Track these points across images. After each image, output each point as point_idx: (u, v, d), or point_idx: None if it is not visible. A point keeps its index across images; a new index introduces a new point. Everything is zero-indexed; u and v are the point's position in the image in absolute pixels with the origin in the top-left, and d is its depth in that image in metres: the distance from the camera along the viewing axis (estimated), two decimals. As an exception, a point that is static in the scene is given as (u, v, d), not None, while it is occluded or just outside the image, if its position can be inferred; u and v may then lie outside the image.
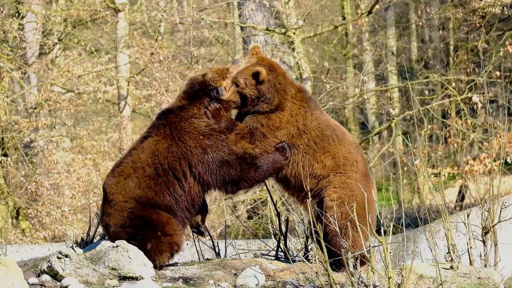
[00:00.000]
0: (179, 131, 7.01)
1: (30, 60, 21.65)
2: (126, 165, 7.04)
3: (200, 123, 7.04)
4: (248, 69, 7.10)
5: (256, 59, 7.18)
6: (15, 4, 21.32)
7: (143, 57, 20.01)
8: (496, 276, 7.10)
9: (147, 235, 6.87)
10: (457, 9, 21.76)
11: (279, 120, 7.13)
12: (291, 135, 7.14)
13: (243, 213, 20.00)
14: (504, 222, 7.93)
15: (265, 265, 7.18)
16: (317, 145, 7.16)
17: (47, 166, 20.07)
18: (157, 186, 6.94)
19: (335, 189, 7.07)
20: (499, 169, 8.39)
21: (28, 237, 18.76)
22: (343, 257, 6.49)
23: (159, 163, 6.95)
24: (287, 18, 19.03)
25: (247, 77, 7.08)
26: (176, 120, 7.05)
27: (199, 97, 7.13)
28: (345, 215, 6.91)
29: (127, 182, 6.97)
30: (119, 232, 6.95)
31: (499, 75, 19.73)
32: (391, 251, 6.33)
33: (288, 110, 7.16)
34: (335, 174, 7.13)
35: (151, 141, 7.04)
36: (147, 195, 6.93)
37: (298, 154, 7.12)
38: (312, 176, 7.15)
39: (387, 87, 23.12)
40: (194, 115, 7.07)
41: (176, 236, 6.96)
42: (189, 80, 7.31)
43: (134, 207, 6.92)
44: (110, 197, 7.01)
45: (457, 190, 22.90)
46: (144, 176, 6.95)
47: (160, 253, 6.90)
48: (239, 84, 7.08)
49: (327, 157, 7.15)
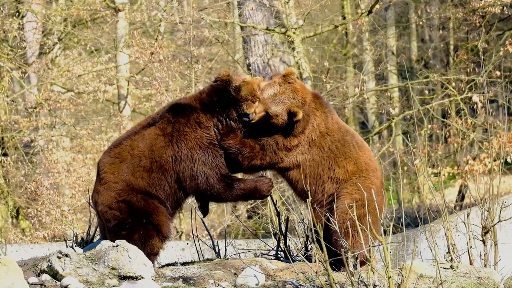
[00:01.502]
0: (180, 134, 6.99)
1: (30, 60, 21.64)
2: (124, 148, 7.04)
3: (203, 134, 7.01)
4: (286, 103, 7.05)
5: (291, 91, 7.09)
6: (15, 3, 21.31)
7: (143, 56, 20.01)
8: (496, 275, 7.09)
9: (134, 224, 6.90)
10: (457, 9, 21.75)
11: (297, 141, 7.16)
12: (312, 139, 7.15)
13: (243, 212, 20.01)
14: (504, 222, 7.93)
15: (265, 264, 7.17)
16: (339, 150, 7.19)
17: (47, 165, 20.07)
18: (150, 179, 6.97)
19: (358, 190, 7.08)
20: (499, 169, 8.39)
21: (28, 237, 18.77)
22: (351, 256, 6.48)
23: (155, 159, 6.97)
24: (287, 17, 19.03)
25: (282, 112, 7.05)
26: (182, 121, 7.02)
27: (214, 110, 7.04)
28: (363, 216, 6.91)
29: (121, 166, 7.00)
30: (106, 212, 6.99)
31: (499, 75, 19.73)
32: (391, 250, 6.33)
33: (309, 128, 7.17)
34: (358, 177, 7.16)
35: (152, 132, 7.03)
36: (139, 184, 6.97)
37: (323, 155, 7.13)
38: (333, 180, 7.16)
39: (387, 87, 23.13)
40: (201, 124, 7.02)
41: (161, 226, 6.99)
42: (214, 85, 7.14)
43: (122, 189, 6.95)
44: (102, 175, 7.05)
45: (457, 189, 22.90)
46: (139, 165, 6.97)
47: (147, 242, 6.94)
48: (271, 113, 7.05)
49: (349, 162, 7.19)
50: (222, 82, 7.08)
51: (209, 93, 7.11)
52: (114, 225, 6.94)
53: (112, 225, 6.96)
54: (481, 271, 7.03)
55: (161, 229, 6.98)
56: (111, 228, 6.99)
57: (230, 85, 7.03)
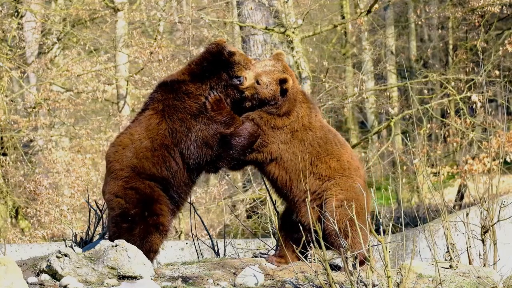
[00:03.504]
0: (170, 108, 7.05)
1: (29, 60, 21.64)
2: (125, 136, 7.14)
3: (192, 104, 7.06)
4: (276, 73, 7.18)
5: (281, 66, 7.26)
6: (14, 3, 21.30)
7: (142, 56, 20.03)
8: (495, 275, 7.10)
9: (136, 217, 6.92)
10: (456, 8, 21.77)
11: (282, 123, 7.18)
12: (294, 130, 7.18)
13: (242, 212, 20.01)
14: (503, 221, 7.94)
15: (264, 264, 7.18)
16: (321, 147, 7.20)
17: (46, 165, 20.07)
18: (154, 158, 7.02)
19: (342, 190, 7.08)
20: (498, 168, 8.40)
21: (27, 236, 18.76)
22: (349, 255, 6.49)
23: (154, 138, 7.03)
24: (286, 17, 19.03)
25: (272, 80, 7.14)
26: (171, 96, 7.08)
27: (204, 76, 7.10)
28: (349, 217, 6.91)
29: (124, 152, 7.05)
30: (112, 200, 7.03)
31: (498, 74, 19.74)
32: (390, 250, 6.33)
33: (294, 114, 7.21)
34: (341, 176, 7.15)
35: (147, 114, 7.13)
36: (144, 166, 7.00)
37: (304, 150, 7.14)
38: (316, 176, 7.17)
39: (386, 86, 23.13)
40: (190, 93, 7.08)
41: (163, 216, 7.01)
42: (207, 51, 7.19)
43: (129, 176, 6.99)
44: (108, 165, 7.13)
45: (456, 189, 22.89)
46: (141, 147, 7.03)
47: (146, 238, 6.95)
48: (260, 82, 7.13)
49: (331, 159, 7.19)
50: (216, 45, 7.15)
51: (199, 61, 7.18)
52: (117, 215, 6.96)
53: (115, 214, 6.98)
54: (480, 270, 7.03)
55: (161, 222, 6.99)
56: (114, 217, 7.00)
57: (225, 48, 7.10)
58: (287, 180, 7.22)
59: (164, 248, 7.28)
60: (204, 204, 18.73)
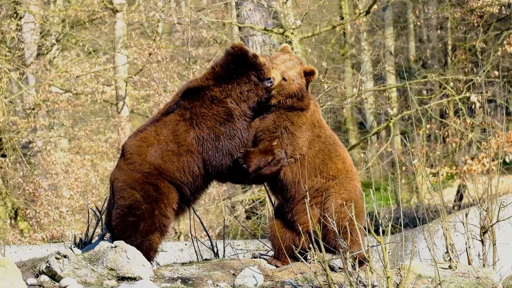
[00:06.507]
0: (198, 117, 7.09)
1: (28, 61, 21.62)
2: (150, 134, 7.14)
3: (220, 109, 7.10)
4: (297, 66, 7.24)
5: (296, 58, 7.32)
6: (13, 4, 21.30)
7: (141, 57, 20.01)
8: (495, 275, 7.10)
9: (145, 212, 6.93)
10: (455, 9, 21.75)
11: (306, 118, 7.21)
12: (312, 125, 7.24)
13: (242, 213, 19.99)
14: (503, 222, 7.94)
15: (263, 265, 7.18)
16: (331, 145, 7.24)
17: (45, 166, 20.06)
18: (180, 163, 7.06)
19: (345, 191, 7.11)
20: (498, 169, 8.39)
21: (26, 238, 18.74)
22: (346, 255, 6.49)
23: (180, 143, 7.06)
24: (285, 18, 19.03)
25: (297, 74, 7.19)
26: (197, 104, 7.11)
27: (231, 78, 7.13)
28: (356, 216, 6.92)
29: (149, 149, 7.08)
30: (124, 190, 7.02)
31: (497, 75, 19.73)
32: (389, 251, 6.33)
33: (310, 109, 7.28)
34: (345, 177, 7.17)
35: (173, 118, 7.14)
36: (168, 168, 7.04)
37: (319, 147, 7.16)
38: (323, 176, 7.17)
39: (385, 87, 23.13)
40: (215, 98, 7.11)
41: (168, 219, 7.07)
42: (230, 54, 7.18)
43: (150, 172, 7.02)
44: (127, 155, 7.13)
45: (455, 189, 22.88)
46: (168, 149, 7.06)
47: (147, 236, 6.96)
48: (287, 78, 7.15)
49: (339, 160, 7.22)
50: (240, 48, 7.15)
51: (224, 64, 7.19)
52: (125, 205, 6.95)
53: (124, 204, 6.96)
54: (480, 271, 7.03)
55: (165, 224, 7.04)
56: (121, 206, 6.98)
57: (248, 50, 7.13)
58: (297, 181, 7.17)
59: (163, 249, 7.27)
60: (203, 205, 18.71)
